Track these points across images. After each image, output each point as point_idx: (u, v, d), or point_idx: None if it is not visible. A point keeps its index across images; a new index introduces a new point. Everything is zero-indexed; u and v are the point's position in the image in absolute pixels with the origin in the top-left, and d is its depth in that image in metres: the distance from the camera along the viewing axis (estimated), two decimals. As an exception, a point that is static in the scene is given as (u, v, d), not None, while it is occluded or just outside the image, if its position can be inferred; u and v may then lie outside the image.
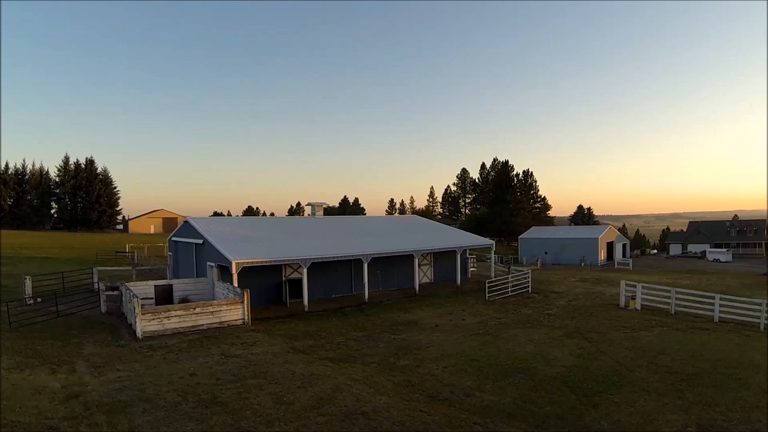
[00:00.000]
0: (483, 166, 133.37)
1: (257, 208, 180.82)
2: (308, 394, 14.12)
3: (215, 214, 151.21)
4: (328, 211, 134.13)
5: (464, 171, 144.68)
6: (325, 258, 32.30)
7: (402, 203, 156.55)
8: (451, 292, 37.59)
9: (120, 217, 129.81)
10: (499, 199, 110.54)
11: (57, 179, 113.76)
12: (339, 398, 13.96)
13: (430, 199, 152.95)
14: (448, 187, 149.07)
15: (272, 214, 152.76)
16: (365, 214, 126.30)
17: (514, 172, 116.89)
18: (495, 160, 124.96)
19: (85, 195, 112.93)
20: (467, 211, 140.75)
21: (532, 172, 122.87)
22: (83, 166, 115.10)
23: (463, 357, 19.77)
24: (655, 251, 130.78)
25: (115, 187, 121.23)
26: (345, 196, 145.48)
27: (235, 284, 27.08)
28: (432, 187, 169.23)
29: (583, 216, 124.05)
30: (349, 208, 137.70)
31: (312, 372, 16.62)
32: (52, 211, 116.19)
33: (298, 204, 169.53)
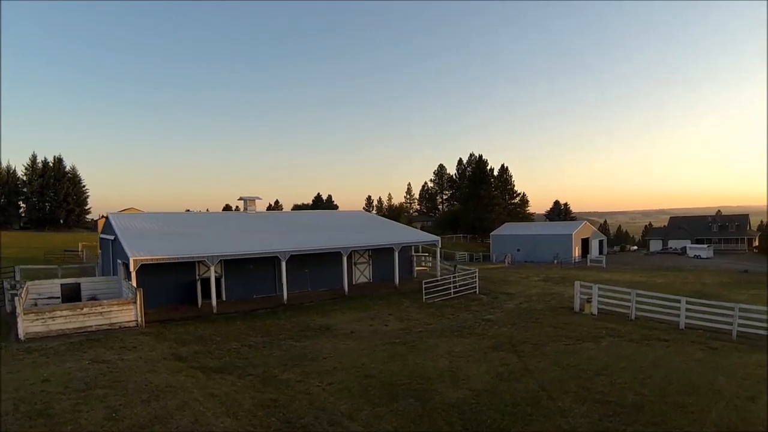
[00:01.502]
0: (460, 161, 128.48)
1: (237, 207, 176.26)
2: (147, 410, 12.54)
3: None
4: (302, 208, 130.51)
5: (441, 167, 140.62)
6: (235, 255, 29.42)
7: (380, 200, 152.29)
8: (387, 292, 33.59)
9: (89, 217, 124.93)
10: (472, 195, 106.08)
11: (24, 178, 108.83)
12: (177, 417, 12.16)
13: (407, 196, 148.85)
14: (426, 183, 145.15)
15: (238, 209, 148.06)
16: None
17: (489, 167, 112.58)
18: (471, 155, 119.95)
19: (53, 194, 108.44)
20: (444, 207, 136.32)
21: (507, 167, 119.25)
22: (51, 165, 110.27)
23: (358, 372, 16.54)
24: (635, 247, 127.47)
25: (84, 186, 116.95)
26: (318, 194, 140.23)
27: (134, 282, 24.81)
28: (409, 184, 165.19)
29: (559, 212, 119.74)
30: (322, 205, 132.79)
31: (171, 383, 14.77)
32: (21, 211, 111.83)
33: (276, 202, 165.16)
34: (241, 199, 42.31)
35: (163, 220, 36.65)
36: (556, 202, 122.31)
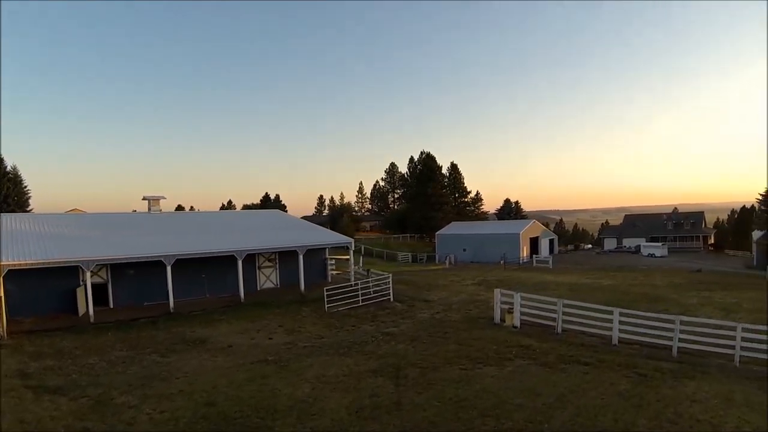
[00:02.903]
0: (411, 159, 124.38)
1: (192, 207, 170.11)
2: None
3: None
4: (251, 208, 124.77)
5: (393, 165, 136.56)
6: (112, 259, 26.70)
7: (332, 199, 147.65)
8: (290, 300, 29.67)
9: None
10: (419, 193, 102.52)
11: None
12: (-37, 449, 10.71)
13: (359, 195, 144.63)
14: (377, 182, 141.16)
15: (192, 209, 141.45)
16: (286, 211, 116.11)
17: (439, 165, 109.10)
18: (422, 153, 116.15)
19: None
20: (396, 206, 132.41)
21: (457, 165, 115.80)
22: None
23: (202, 397, 13.94)
24: (589, 246, 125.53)
25: (26, 186, 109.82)
26: (266, 193, 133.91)
27: (0, 290, 22.67)
28: (361, 183, 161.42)
29: (510, 210, 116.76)
30: (270, 205, 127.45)
31: (-14, 408, 12.97)
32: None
33: (230, 202, 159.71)
34: (144, 198, 37.76)
35: (55, 222, 33.24)
36: (507, 200, 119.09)
